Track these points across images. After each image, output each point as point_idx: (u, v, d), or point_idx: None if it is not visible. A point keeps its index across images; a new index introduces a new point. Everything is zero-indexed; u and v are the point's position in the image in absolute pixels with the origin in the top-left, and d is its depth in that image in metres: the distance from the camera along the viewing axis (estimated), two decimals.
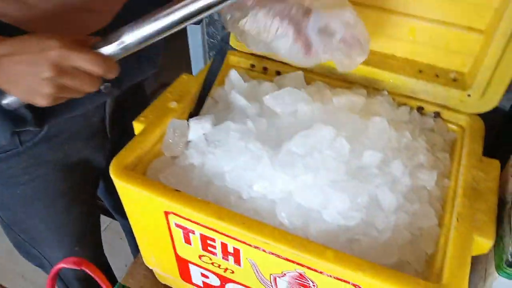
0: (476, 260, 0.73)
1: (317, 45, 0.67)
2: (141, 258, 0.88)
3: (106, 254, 1.65)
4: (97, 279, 0.75)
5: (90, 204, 0.94)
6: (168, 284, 0.88)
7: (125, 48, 0.58)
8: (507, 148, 0.77)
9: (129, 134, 0.86)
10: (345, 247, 0.63)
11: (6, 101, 0.61)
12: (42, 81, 0.53)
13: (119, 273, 1.50)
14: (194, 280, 0.79)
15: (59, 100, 0.58)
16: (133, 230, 0.78)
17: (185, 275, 0.79)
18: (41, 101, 0.56)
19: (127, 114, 0.91)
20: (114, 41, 0.58)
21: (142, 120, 0.76)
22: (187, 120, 0.78)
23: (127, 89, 0.88)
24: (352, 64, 0.71)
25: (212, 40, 1.36)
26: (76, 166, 0.84)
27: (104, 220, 1.60)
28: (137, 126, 0.76)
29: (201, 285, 0.79)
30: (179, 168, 0.74)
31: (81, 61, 0.54)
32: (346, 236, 0.63)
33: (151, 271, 0.90)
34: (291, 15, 0.66)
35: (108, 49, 0.58)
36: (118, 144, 0.88)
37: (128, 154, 0.70)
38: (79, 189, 0.88)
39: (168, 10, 0.57)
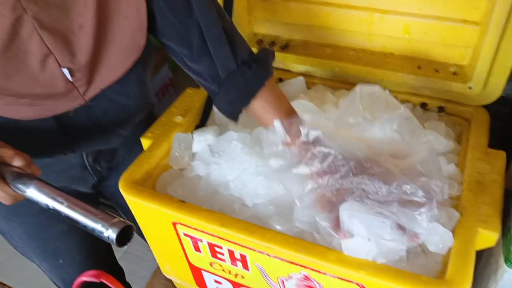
0: (488, 253, 0.72)
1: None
2: None
3: (133, 264, 1.69)
4: None
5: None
6: None
7: (26, 196, 0.61)
8: None
9: (122, 166, 0.85)
10: None
11: None
12: None
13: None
14: (209, 287, 0.81)
15: None
16: (148, 242, 0.81)
17: (200, 283, 0.81)
18: None
19: (119, 148, 0.92)
20: (23, 188, 0.60)
21: (150, 136, 0.80)
22: (192, 133, 0.81)
23: None
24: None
25: None
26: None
27: None
28: (145, 142, 0.79)
29: None
30: (186, 180, 0.76)
31: None
32: None
33: (170, 280, 0.92)
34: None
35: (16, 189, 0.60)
36: (107, 175, 0.90)
37: (136, 170, 0.73)
38: None
39: (71, 205, 0.58)
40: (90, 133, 0.77)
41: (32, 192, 0.59)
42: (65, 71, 0.64)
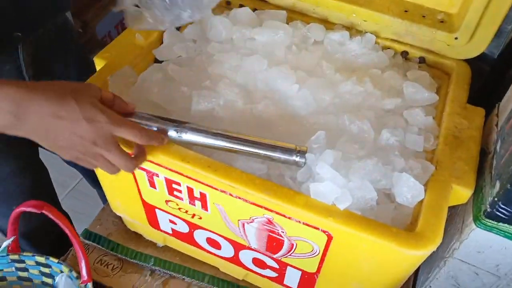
0: (453, 212, 0.71)
1: None
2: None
3: (80, 202, 1.61)
4: (58, 222, 0.72)
5: (24, 162, 0.87)
6: (137, 231, 0.85)
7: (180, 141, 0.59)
8: (494, 97, 0.73)
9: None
10: None
11: None
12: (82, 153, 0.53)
13: None
14: (162, 227, 0.76)
15: None
16: (98, 175, 0.73)
17: (153, 222, 0.76)
18: (65, 157, 0.55)
19: (56, 64, 0.86)
20: (178, 135, 0.59)
21: (105, 55, 0.70)
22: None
23: (47, 32, 0.82)
24: None
25: None
26: None
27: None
28: (98, 62, 0.70)
29: (170, 231, 0.76)
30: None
31: (127, 135, 0.54)
32: None
33: (120, 218, 0.86)
34: None
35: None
36: None
37: None
38: (5, 147, 0.82)
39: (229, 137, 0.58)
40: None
41: (189, 136, 0.58)
42: None
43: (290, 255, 0.64)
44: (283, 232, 0.60)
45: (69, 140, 0.51)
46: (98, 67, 0.69)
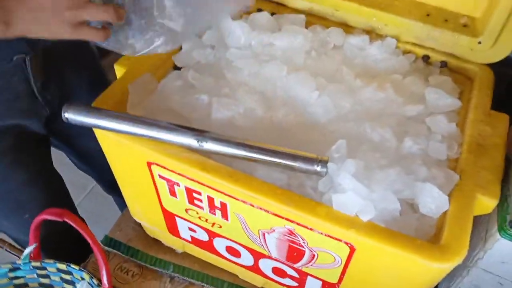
0: (476, 220, 0.69)
1: None
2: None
3: (98, 205, 1.61)
4: (79, 230, 0.72)
5: (35, 172, 0.86)
6: (157, 238, 0.85)
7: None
8: None
9: (73, 94, 0.82)
10: None
11: None
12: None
13: None
14: (182, 235, 0.76)
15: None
16: (118, 181, 0.74)
17: (173, 229, 0.76)
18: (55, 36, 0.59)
19: (67, 71, 0.84)
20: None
21: (125, 62, 0.70)
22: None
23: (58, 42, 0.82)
24: None
25: None
26: (6, 132, 0.78)
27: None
28: (119, 69, 0.70)
29: (189, 239, 0.76)
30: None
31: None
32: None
33: (139, 224, 0.87)
34: None
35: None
36: (59, 107, 0.75)
37: (105, 101, 0.65)
38: (15, 156, 0.81)
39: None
40: None
41: (210, 146, 0.58)
42: None
43: (311, 265, 0.64)
44: (304, 243, 0.59)
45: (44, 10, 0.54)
46: (118, 74, 0.70)
